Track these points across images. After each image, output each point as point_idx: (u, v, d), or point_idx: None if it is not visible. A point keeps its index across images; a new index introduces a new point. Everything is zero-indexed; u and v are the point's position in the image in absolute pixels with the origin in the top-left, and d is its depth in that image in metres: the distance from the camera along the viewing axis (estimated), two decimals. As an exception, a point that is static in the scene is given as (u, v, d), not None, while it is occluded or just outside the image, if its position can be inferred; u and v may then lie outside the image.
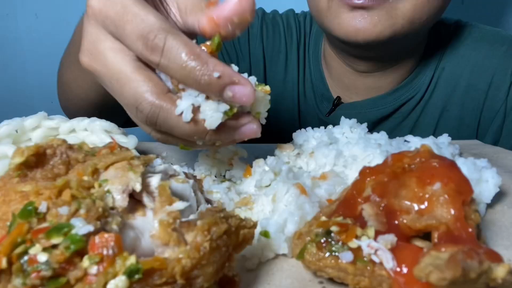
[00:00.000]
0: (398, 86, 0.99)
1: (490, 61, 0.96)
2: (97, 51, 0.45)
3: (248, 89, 0.42)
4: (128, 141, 0.60)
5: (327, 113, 1.02)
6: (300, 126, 0.69)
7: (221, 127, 0.43)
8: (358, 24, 0.82)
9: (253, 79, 0.45)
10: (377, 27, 0.81)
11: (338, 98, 1.02)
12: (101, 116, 0.67)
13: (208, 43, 0.43)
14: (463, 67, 0.97)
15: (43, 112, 0.61)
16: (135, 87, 0.43)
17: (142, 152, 0.65)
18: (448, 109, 0.97)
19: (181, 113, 0.42)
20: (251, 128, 0.46)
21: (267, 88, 0.48)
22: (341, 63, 1.00)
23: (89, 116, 0.64)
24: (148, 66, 0.44)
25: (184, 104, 0.42)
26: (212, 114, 0.42)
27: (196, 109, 0.42)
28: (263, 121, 0.48)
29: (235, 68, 0.44)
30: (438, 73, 0.99)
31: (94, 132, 0.60)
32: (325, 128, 0.66)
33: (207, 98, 0.43)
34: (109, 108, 0.77)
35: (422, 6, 0.81)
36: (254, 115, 0.47)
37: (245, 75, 0.44)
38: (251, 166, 0.56)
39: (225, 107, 0.43)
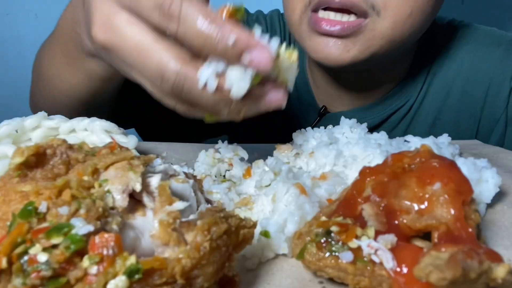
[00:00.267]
0: (387, 95, 0.92)
1: (486, 65, 0.89)
2: (113, 26, 0.44)
3: (266, 54, 0.40)
4: (128, 141, 0.60)
5: (313, 124, 0.94)
6: (284, 140, 0.67)
7: (246, 95, 0.42)
8: (330, 50, 0.75)
9: (275, 43, 0.42)
10: (351, 52, 0.75)
11: (324, 108, 0.96)
12: (81, 114, 0.66)
13: (228, 4, 0.42)
14: (456, 72, 0.91)
15: (43, 112, 0.61)
16: (159, 57, 0.41)
17: (142, 152, 0.65)
18: (441, 118, 0.91)
19: (204, 84, 0.40)
20: (277, 97, 0.44)
21: (295, 54, 0.45)
22: (325, 73, 0.94)
23: (69, 115, 0.64)
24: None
25: (206, 72, 0.40)
26: (239, 82, 0.40)
27: (221, 77, 0.41)
28: (290, 89, 0.46)
29: (257, 31, 0.41)
30: (430, 79, 0.92)
31: (94, 132, 0.60)
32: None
33: (230, 65, 0.41)
34: (96, 105, 0.75)
35: (402, 22, 0.74)
36: (280, 83, 0.45)
37: (266, 38, 0.41)
38: (251, 167, 0.56)
39: (250, 73, 0.41)
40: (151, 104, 0.86)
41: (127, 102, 0.87)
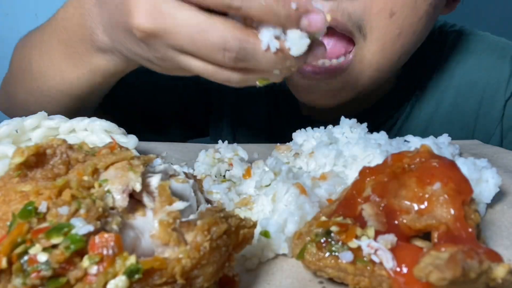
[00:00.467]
0: (371, 107, 0.88)
1: (478, 75, 0.84)
2: (162, 12, 0.46)
3: (321, 16, 0.45)
4: (128, 141, 0.60)
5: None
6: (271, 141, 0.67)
7: None
8: (314, 97, 0.72)
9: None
10: (337, 98, 0.72)
11: (309, 116, 0.92)
12: (70, 110, 0.66)
13: None
14: (447, 82, 0.86)
15: (43, 112, 0.61)
16: (221, 29, 0.45)
17: (142, 152, 0.65)
18: (430, 131, 0.85)
19: (267, 47, 0.45)
20: (322, 50, 0.49)
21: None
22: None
23: (56, 111, 0.64)
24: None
25: (267, 34, 0.45)
26: (299, 42, 0.46)
27: (279, 39, 0.46)
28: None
29: None
30: (418, 91, 0.87)
31: (94, 132, 0.60)
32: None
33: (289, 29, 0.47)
34: (88, 102, 0.74)
35: (391, 45, 0.68)
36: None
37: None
38: (251, 167, 0.56)
39: (306, 34, 0.46)
40: (138, 102, 0.85)
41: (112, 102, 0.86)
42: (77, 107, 0.73)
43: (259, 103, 0.98)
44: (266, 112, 0.99)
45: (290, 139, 0.67)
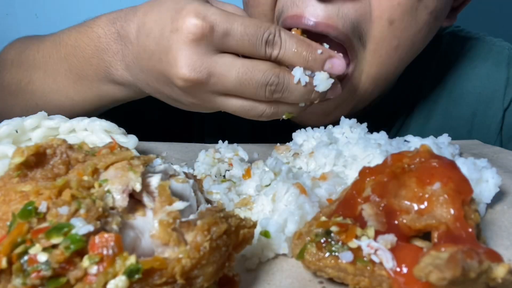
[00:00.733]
0: (362, 116, 0.82)
1: (471, 84, 0.80)
2: (206, 61, 0.53)
3: (342, 61, 0.57)
4: (128, 141, 0.60)
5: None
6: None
7: None
8: (306, 117, 0.69)
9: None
10: (331, 116, 0.71)
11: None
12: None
13: (294, 30, 0.62)
14: (439, 91, 0.82)
15: (43, 112, 0.61)
16: (263, 68, 0.55)
17: (142, 152, 0.65)
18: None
19: (299, 80, 0.56)
20: (339, 87, 0.61)
21: None
22: None
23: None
24: None
25: (299, 71, 0.57)
26: (326, 81, 0.58)
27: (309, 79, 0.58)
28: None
29: (326, 46, 0.60)
30: (414, 95, 0.84)
31: (94, 132, 0.60)
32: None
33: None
34: (88, 115, 0.74)
35: (388, 57, 0.66)
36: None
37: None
38: (251, 167, 0.56)
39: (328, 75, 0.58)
40: (144, 106, 0.85)
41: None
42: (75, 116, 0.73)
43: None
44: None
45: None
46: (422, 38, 0.68)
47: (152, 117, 0.92)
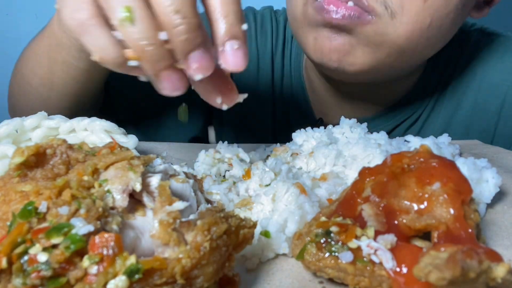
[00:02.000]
0: (391, 107, 0.85)
1: (500, 76, 0.82)
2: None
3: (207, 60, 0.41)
4: (128, 141, 0.60)
5: None
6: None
7: None
8: (331, 46, 0.67)
9: None
10: (352, 55, 0.68)
11: (321, 120, 0.88)
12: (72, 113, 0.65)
13: None
14: (468, 83, 0.84)
15: (43, 112, 0.61)
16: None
17: (142, 152, 0.65)
18: (450, 132, 0.79)
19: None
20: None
21: None
22: (323, 81, 0.86)
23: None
24: None
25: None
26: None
27: None
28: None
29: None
30: (439, 91, 0.85)
31: (94, 132, 0.60)
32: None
33: None
34: (86, 100, 0.74)
35: (419, 34, 0.66)
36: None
37: None
38: (251, 168, 0.56)
39: None
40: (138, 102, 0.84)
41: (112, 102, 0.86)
42: (76, 108, 0.73)
43: (265, 109, 0.94)
44: (271, 119, 0.95)
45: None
46: (450, 22, 0.69)
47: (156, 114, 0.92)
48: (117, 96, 0.86)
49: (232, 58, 0.40)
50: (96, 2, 0.42)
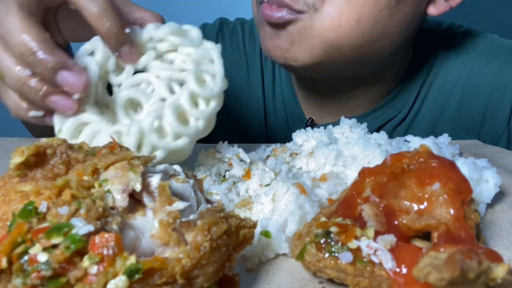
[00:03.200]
0: (376, 105, 0.88)
1: (485, 77, 0.84)
2: None
3: (77, 77, 0.47)
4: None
5: None
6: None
7: None
8: (273, 43, 0.74)
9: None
10: (291, 52, 0.73)
11: (311, 120, 0.91)
12: None
13: None
14: (453, 83, 0.86)
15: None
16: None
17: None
18: (436, 132, 0.85)
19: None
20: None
21: None
22: (306, 80, 0.90)
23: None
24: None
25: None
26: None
27: None
28: None
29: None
30: (425, 90, 0.87)
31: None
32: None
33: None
34: None
35: (350, 29, 0.69)
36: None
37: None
38: (250, 168, 0.56)
39: None
40: None
41: None
42: None
43: (256, 112, 0.98)
44: (263, 121, 0.99)
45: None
46: (387, 18, 0.70)
47: None
48: None
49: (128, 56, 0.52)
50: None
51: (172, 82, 0.53)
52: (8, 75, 0.48)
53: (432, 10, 0.78)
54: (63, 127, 0.50)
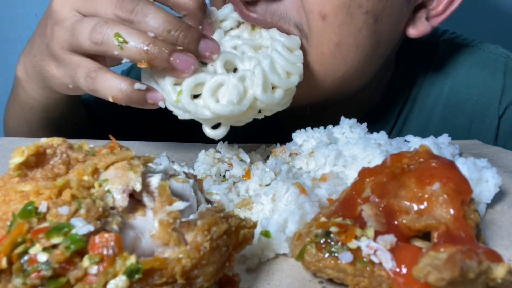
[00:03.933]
0: (360, 118, 0.83)
1: (468, 90, 0.81)
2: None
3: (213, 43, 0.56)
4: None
5: None
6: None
7: None
8: None
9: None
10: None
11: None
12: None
13: None
14: (436, 97, 0.83)
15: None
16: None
17: (142, 152, 0.65)
18: None
19: None
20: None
21: None
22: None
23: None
24: None
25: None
26: None
27: None
28: None
29: None
30: (410, 104, 0.84)
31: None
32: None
33: None
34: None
35: (330, 55, 0.64)
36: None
37: None
38: (250, 168, 0.56)
39: None
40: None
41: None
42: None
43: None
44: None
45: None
46: (366, 39, 0.66)
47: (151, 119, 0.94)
48: (100, 113, 0.94)
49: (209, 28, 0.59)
50: (90, 56, 0.55)
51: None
52: (133, 39, 0.51)
53: (412, 32, 0.73)
54: (183, 86, 0.54)
